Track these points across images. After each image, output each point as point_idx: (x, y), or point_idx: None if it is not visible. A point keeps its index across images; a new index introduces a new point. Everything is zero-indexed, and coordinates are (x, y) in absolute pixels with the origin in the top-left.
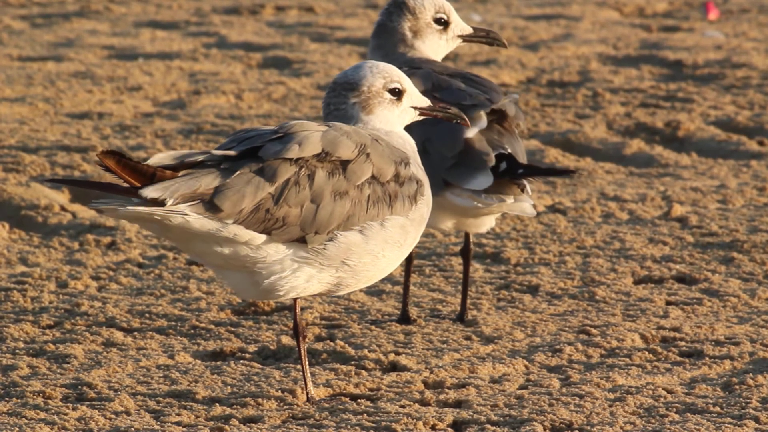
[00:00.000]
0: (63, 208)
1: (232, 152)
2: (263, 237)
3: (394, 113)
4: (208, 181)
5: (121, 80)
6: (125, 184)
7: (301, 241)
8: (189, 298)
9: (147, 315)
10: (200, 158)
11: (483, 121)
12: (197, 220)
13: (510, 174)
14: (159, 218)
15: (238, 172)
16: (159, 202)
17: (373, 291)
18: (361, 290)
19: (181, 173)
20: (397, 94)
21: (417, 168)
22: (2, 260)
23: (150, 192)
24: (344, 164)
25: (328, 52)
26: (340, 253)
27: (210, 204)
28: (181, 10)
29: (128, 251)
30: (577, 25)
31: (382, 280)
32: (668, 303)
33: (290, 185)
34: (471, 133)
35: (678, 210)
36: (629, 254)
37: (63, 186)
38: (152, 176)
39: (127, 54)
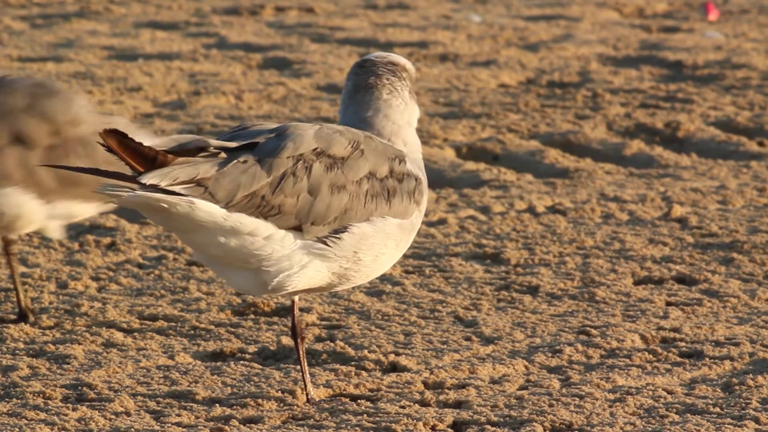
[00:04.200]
0: None
1: (231, 144)
2: (269, 227)
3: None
4: (206, 169)
5: (121, 81)
6: (126, 168)
7: (298, 230)
8: (189, 298)
9: (147, 316)
10: (200, 145)
11: None
12: (202, 207)
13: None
14: (166, 205)
15: (234, 161)
16: (159, 189)
17: (373, 291)
18: (360, 290)
19: (178, 160)
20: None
21: (414, 166)
22: (2, 261)
23: (150, 178)
24: (340, 160)
25: (328, 52)
26: (353, 243)
27: (207, 191)
28: (181, 10)
29: (128, 252)
30: (576, 26)
31: (382, 281)
32: (668, 304)
33: (287, 176)
34: None
35: (678, 211)
36: (629, 255)
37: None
38: (153, 160)
39: (127, 54)
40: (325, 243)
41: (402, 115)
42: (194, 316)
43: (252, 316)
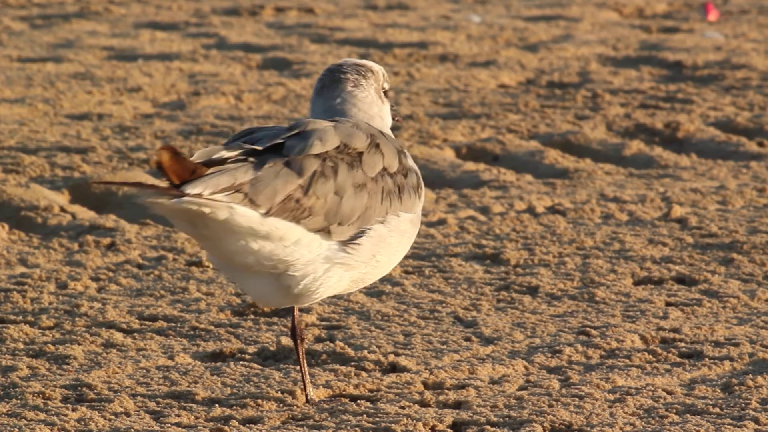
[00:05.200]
0: (62, 209)
1: (258, 146)
2: (299, 230)
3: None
4: (241, 175)
5: (120, 81)
6: (164, 182)
7: (325, 232)
8: (188, 299)
9: (146, 316)
10: (235, 153)
11: None
12: (241, 213)
13: None
14: (208, 211)
15: (266, 166)
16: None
17: (373, 292)
18: (360, 291)
19: (212, 169)
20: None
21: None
22: (2, 261)
23: (193, 188)
24: (360, 156)
25: (328, 53)
26: (371, 247)
27: (247, 197)
28: (181, 11)
29: (128, 252)
30: (576, 26)
31: (382, 281)
32: (668, 304)
33: (317, 176)
34: None
35: (678, 211)
36: (629, 255)
37: (110, 186)
38: (192, 172)
39: (127, 55)
40: (346, 251)
41: (371, 106)
42: (194, 317)
43: (252, 316)
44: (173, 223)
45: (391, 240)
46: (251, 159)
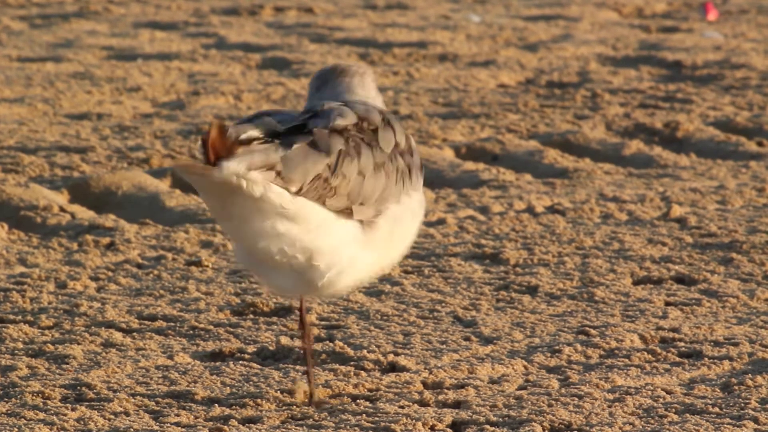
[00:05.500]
0: (62, 209)
1: (280, 127)
2: (323, 211)
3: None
4: (273, 154)
5: (120, 81)
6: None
7: (347, 213)
8: (188, 298)
9: (146, 315)
10: (261, 133)
11: None
12: (275, 190)
13: None
14: (245, 186)
15: (295, 146)
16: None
17: (372, 291)
18: (359, 290)
19: (244, 148)
20: None
21: None
22: (1, 261)
23: (232, 165)
24: (376, 133)
25: (327, 52)
26: (389, 227)
27: (279, 175)
28: (180, 10)
29: (127, 252)
30: (576, 26)
31: (381, 281)
32: (667, 303)
33: (343, 155)
34: None
35: (677, 211)
36: (628, 255)
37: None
38: (229, 150)
39: (126, 55)
40: (366, 231)
41: (375, 98)
42: (193, 316)
43: (251, 316)
44: (206, 201)
45: (405, 220)
46: (276, 140)
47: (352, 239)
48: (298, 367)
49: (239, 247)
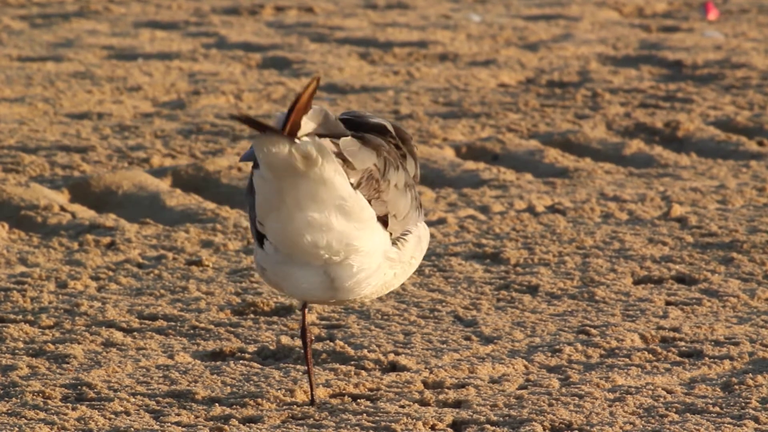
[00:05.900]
0: (62, 209)
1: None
2: (370, 212)
3: None
4: (338, 144)
5: (120, 80)
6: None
7: (384, 223)
8: (188, 298)
9: (146, 315)
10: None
11: None
12: (342, 175)
13: None
14: (320, 163)
15: (347, 139)
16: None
17: None
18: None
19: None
20: None
21: None
22: (2, 260)
23: (315, 140)
24: (404, 158)
25: (328, 52)
26: (411, 248)
27: (346, 163)
28: (181, 10)
29: (128, 251)
30: (576, 26)
31: None
32: (668, 303)
33: (388, 161)
34: None
35: (677, 210)
36: (629, 254)
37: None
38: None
39: (127, 54)
40: (395, 247)
41: None
42: (194, 316)
43: (251, 315)
44: (261, 185)
45: (422, 245)
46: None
47: (383, 249)
48: (298, 366)
49: (272, 245)
